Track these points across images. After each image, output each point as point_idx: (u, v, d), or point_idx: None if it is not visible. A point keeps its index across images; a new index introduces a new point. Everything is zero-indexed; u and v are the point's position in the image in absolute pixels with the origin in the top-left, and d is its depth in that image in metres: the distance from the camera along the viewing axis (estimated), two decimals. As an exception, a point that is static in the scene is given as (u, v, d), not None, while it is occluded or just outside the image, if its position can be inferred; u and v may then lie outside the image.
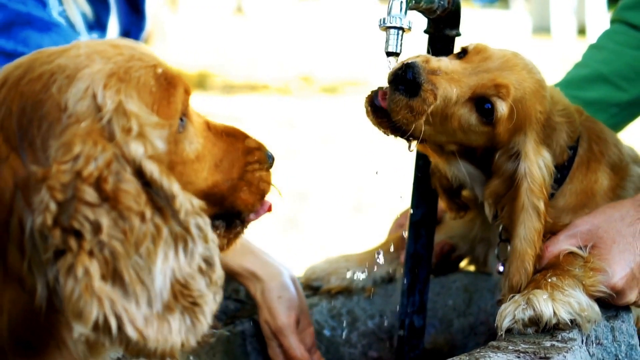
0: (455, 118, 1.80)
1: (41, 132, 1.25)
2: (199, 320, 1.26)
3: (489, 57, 1.84)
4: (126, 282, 1.19)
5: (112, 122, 1.26)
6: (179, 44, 17.04)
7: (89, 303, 1.15)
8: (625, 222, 1.83)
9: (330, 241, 5.70)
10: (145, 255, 1.21)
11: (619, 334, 1.81)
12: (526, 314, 1.69)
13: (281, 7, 26.62)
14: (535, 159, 1.83)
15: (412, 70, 1.74)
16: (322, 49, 17.55)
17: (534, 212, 1.81)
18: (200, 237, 1.29)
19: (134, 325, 1.18)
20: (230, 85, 13.71)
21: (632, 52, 2.34)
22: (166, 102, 1.36)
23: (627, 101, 2.35)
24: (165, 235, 1.24)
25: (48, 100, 1.26)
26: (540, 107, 1.87)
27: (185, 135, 1.41)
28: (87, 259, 1.16)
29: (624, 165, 2.04)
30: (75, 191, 1.18)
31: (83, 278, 1.15)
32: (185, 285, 1.25)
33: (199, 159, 1.44)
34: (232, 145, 1.54)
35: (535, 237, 1.81)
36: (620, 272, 1.78)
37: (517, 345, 1.67)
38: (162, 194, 1.25)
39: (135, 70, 1.34)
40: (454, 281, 2.23)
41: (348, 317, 2.21)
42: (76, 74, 1.29)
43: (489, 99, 1.80)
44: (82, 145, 1.21)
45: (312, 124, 10.60)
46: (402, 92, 1.75)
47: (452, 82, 1.78)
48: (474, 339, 2.12)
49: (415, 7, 1.83)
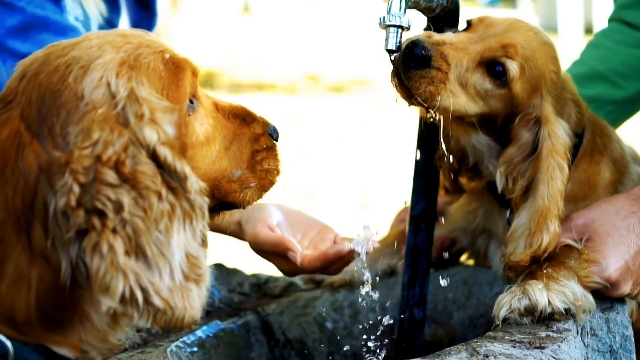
0: (471, 85, 1.84)
1: (60, 120, 1.33)
2: (203, 290, 1.34)
3: (493, 24, 1.89)
4: (149, 256, 1.26)
5: (125, 109, 1.33)
6: (185, 43, 17.08)
7: (115, 277, 1.23)
8: (619, 215, 1.87)
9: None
10: (164, 230, 1.28)
11: (613, 325, 1.85)
12: (522, 303, 1.74)
13: (288, 6, 26.62)
14: (556, 122, 1.86)
15: (418, 46, 1.78)
16: (329, 48, 17.55)
17: (559, 171, 1.82)
18: (201, 216, 1.36)
19: (160, 295, 1.25)
20: (237, 84, 13.74)
21: (628, 50, 2.37)
22: (175, 86, 1.43)
23: (623, 98, 2.39)
24: (179, 212, 1.31)
25: (65, 90, 1.35)
26: (553, 66, 1.91)
27: (195, 117, 1.49)
28: (112, 236, 1.24)
29: (625, 162, 2.08)
30: (96, 174, 1.26)
31: (108, 254, 1.23)
32: (197, 258, 1.33)
33: (208, 141, 1.51)
34: (239, 128, 1.59)
35: (559, 196, 1.81)
36: (614, 264, 1.82)
37: (513, 335, 1.71)
38: (175, 176, 1.32)
39: (144, 57, 1.41)
40: (453, 274, 2.26)
41: (350, 310, 2.25)
42: (90, 64, 1.37)
43: (498, 60, 1.85)
44: (100, 132, 1.29)
45: (319, 123, 10.62)
46: (415, 68, 1.79)
47: (458, 50, 1.83)
48: (473, 331, 2.15)
49: (414, 6, 1.87)
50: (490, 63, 1.85)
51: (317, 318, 2.20)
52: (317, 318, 2.20)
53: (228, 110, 1.60)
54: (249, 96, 12.50)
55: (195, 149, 1.48)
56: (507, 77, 1.84)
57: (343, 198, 7.26)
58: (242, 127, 1.60)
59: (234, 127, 1.59)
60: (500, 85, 1.86)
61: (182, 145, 1.42)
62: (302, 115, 11.06)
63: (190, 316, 1.30)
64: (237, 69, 15.10)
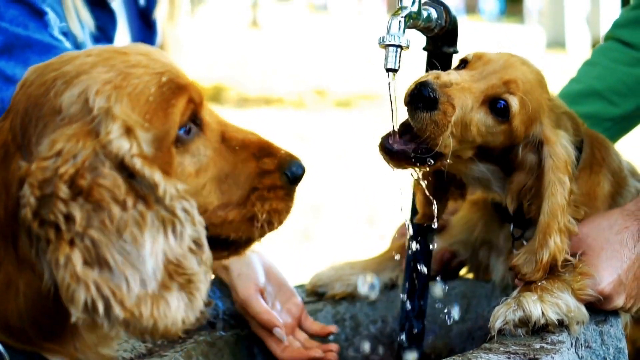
0: (474, 124, 1.88)
1: (37, 132, 1.36)
2: (194, 296, 1.34)
3: (490, 61, 1.93)
4: (112, 266, 1.27)
5: (100, 124, 1.33)
6: (194, 57, 17.14)
7: (76, 289, 1.25)
8: (613, 230, 1.91)
9: (342, 254, 5.77)
10: (132, 240, 1.29)
11: (607, 337, 1.89)
12: (516, 314, 1.78)
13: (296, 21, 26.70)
14: (557, 139, 1.91)
15: (426, 88, 1.82)
16: (336, 63, 17.62)
17: (559, 185, 1.86)
18: (188, 220, 1.35)
19: (122, 305, 1.26)
20: (245, 98, 13.81)
21: (624, 69, 2.41)
22: (162, 112, 1.39)
23: (620, 115, 2.43)
24: (150, 220, 1.31)
25: (46, 103, 1.37)
26: (546, 94, 1.97)
27: (189, 148, 1.45)
28: (68, 248, 1.25)
29: (623, 175, 2.12)
30: (53, 187, 1.27)
31: (67, 265, 1.25)
32: (179, 265, 1.33)
33: (198, 173, 1.46)
34: (243, 162, 1.51)
35: (559, 211, 1.85)
36: (607, 277, 1.87)
37: (508, 347, 1.75)
38: (145, 183, 1.32)
39: (134, 77, 1.39)
40: (453, 288, 2.30)
41: (351, 322, 2.29)
42: (74, 80, 1.37)
43: (501, 97, 1.89)
44: (64, 143, 1.30)
45: (326, 137, 10.67)
46: (422, 110, 1.83)
47: (464, 90, 1.86)
48: (471, 344, 2.19)
49: (413, 25, 1.92)
50: (493, 100, 1.89)
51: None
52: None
53: (237, 141, 1.52)
54: (256, 110, 12.57)
55: (178, 179, 1.41)
56: (509, 113, 1.89)
57: (349, 212, 7.30)
58: (247, 160, 1.51)
59: (236, 159, 1.51)
60: (502, 122, 1.90)
61: (162, 171, 1.37)
62: (309, 130, 11.11)
63: (164, 326, 1.29)
64: (245, 83, 15.18)
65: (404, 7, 1.87)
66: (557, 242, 1.85)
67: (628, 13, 2.48)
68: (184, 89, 1.44)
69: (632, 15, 2.45)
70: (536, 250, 1.86)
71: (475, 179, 2.02)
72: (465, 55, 1.98)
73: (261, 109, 12.80)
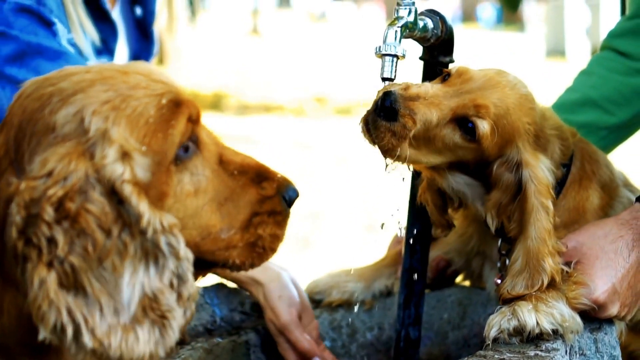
0: (439, 139, 1.87)
1: (30, 148, 1.33)
2: (167, 333, 1.31)
3: (470, 79, 1.91)
4: (89, 293, 1.25)
5: (95, 145, 1.31)
6: (195, 65, 17.17)
7: (47, 310, 1.23)
8: (608, 239, 1.92)
9: (342, 260, 5.78)
10: (111, 268, 1.27)
11: (601, 345, 1.90)
12: (511, 324, 1.79)
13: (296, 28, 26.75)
14: (537, 163, 1.90)
15: (389, 98, 1.83)
16: (337, 71, 17.66)
17: (543, 211, 1.86)
18: (172, 254, 1.32)
19: (92, 333, 1.25)
20: (245, 105, 13.84)
21: (619, 78, 2.42)
22: (162, 134, 1.37)
23: (615, 124, 2.44)
24: (133, 250, 1.29)
25: (40, 120, 1.34)
26: (528, 118, 1.93)
27: (186, 166, 1.43)
28: (45, 270, 1.24)
29: (614, 186, 2.13)
30: (39, 208, 1.25)
31: (41, 287, 1.23)
32: (154, 299, 1.30)
33: (197, 194, 1.44)
34: (242, 188, 1.51)
35: (546, 235, 1.86)
36: (602, 286, 1.88)
37: (503, 354, 1.76)
38: (132, 212, 1.30)
39: (135, 99, 1.37)
40: (449, 295, 2.32)
41: (348, 329, 2.30)
42: (70, 97, 1.35)
43: (470, 118, 1.87)
44: (56, 163, 1.28)
45: (326, 144, 10.69)
46: (382, 119, 1.84)
47: (431, 106, 1.85)
48: (467, 351, 2.20)
49: (409, 35, 1.93)
50: (462, 120, 1.88)
51: (316, 337, 2.25)
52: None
53: (235, 165, 1.51)
54: (256, 117, 12.59)
55: (177, 199, 1.41)
56: (477, 134, 1.87)
57: (349, 219, 7.31)
58: (246, 186, 1.51)
59: (236, 184, 1.50)
60: (470, 141, 1.89)
61: (160, 193, 1.37)
62: (309, 137, 11.14)
63: (129, 358, 1.27)
64: (246, 91, 15.21)
65: (400, 17, 1.89)
66: (551, 264, 1.86)
67: (624, 23, 2.49)
68: (183, 107, 1.42)
69: (628, 25, 2.47)
70: (532, 275, 1.86)
71: (452, 190, 2.01)
72: (450, 67, 1.98)
73: (261, 116, 12.83)
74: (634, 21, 2.45)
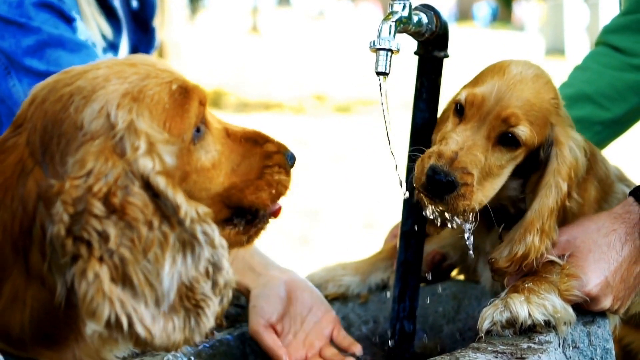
0: (494, 167, 1.91)
1: (60, 148, 1.37)
2: (202, 320, 1.37)
3: (483, 100, 1.92)
4: (135, 284, 1.31)
5: (123, 140, 1.37)
6: (194, 62, 17.18)
7: (101, 304, 1.28)
8: (601, 233, 1.94)
9: (341, 258, 5.78)
10: (154, 260, 1.33)
11: (594, 338, 1.91)
12: (503, 316, 1.81)
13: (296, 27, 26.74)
14: (566, 142, 1.94)
15: (439, 174, 1.86)
16: (336, 69, 17.66)
17: (555, 190, 1.90)
18: (207, 242, 1.39)
19: (142, 323, 1.30)
20: (245, 103, 13.85)
21: (614, 73, 2.44)
22: (179, 117, 1.46)
23: (610, 119, 2.45)
24: (172, 241, 1.35)
25: (67, 120, 1.39)
26: (549, 94, 1.97)
27: (202, 145, 1.52)
28: (97, 265, 1.28)
29: (609, 182, 2.15)
30: (86, 205, 1.30)
31: (94, 281, 1.28)
32: (191, 288, 1.36)
33: (215, 167, 1.54)
34: (250, 150, 1.63)
35: (546, 212, 1.89)
36: (595, 279, 1.89)
37: (496, 347, 1.78)
38: (169, 204, 1.36)
39: (149, 89, 1.44)
40: (444, 289, 2.33)
41: (343, 323, 2.30)
42: (92, 95, 1.40)
43: (507, 132, 1.91)
44: (94, 162, 1.33)
45: (325, 142, 10.70)
46: (446, 193, 1.86)
47: (471, 150, 1.89)
48: (462, 344, 2.20)
49: (404, 30, 1.94)
50: (501, 138, 1.91)
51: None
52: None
53: (240, 135, 1.63)
54: (256, 115, 12.60)
55: (199, 174, 1.50)
56: (522, 141, 1.91)
57: (348, 217, 7.32)
58: (253, 147, 1.64)
59: (244, 149, 1.62)
60: (518, 148, 1.93)
61: (183, 173, 1.46)
62: (308, 135, 11.15)
63: (167, 346, 1.34)
64: (245, 89, 15.22)
65: (394, 12, 1.90)
66: (535, 241, 1.89)
67: (619, 19, 2.50)
68: (193, 92, 1.51)
69: (623, 21, 2.48)
70: (514, 242, 1.91)
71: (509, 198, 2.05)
72: (458, 97, 1.98)
73: (261, 114, 12.84)
74: (629, 17, 2.46)
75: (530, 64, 2.00)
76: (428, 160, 1.89)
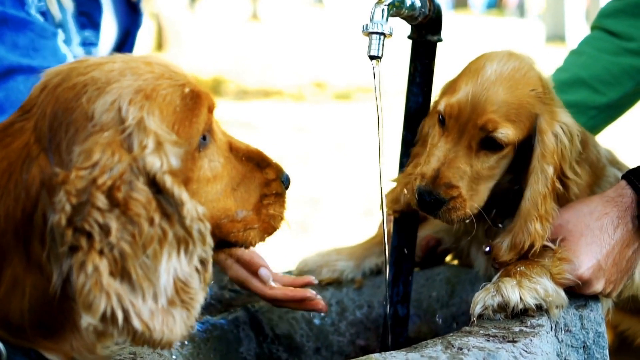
0: (482, 171, 1.94)
1: (67, 137, 1.37)
2: (191, 313, 1.39)
3: (461, 110, 1.93)
4: (134, 279, 1.31)
5: (132, 136, 1.37)
6: (194, 50, 17.15)
7: (97, 297, 1.28)
8: (593, 216, 1.94)
9: (340, 245, 5.78)
10: (152, 255, 1.33)
11: (587, 321, 1.92)
12: (495, 300, 1.81)
13: (296, 14, 26.69)
14: (550, 128, 1.94)
15: (425, 196, 1.91)
16: (336, 56, 17.63)
17: (542, 175, 1.92)
18: (200, 240, 1.41)
19: (139, 318, 1.31)
20: (245, 90, 13.82)
21: (609, 58, 2.44)
22: (188, 122, 1.46)
23: (605, 104, 2.45)
24: (170, 238, 1.36)
25: (77, 109, 1.39)
26: (529, 86, 1.96)
27: (206, 154, 1.52)
28: (97, 257, 1.29)
29: (601, 166, 2.15)
30: (89, 196, 1.30)
31: (92, 274, 1.28)
32: (185, 283, 1.38)
33: (215, 179, 1.54)
34: (251, 172, 1.62)
35: (539, 199, 1.91)
36: (587, 262, 1.89)
37: (488, 330, 1.78)
38: (172, 202, 1.37)
39: (162, 89, 1.44)
40: (437, 274, 2.33)
41: (337, 307, 2.31)
42: (106, 87, 1.40)
43: (488, 137, 1.92)
44: (101, 154, 1.33)
45: (325, 129, 10.69)
46: (437, 209, 1.92)
47: (453, 163, 1.92)
48: (456, 328, 2.21)
49: (397, 14, 1.94)
50: (485, 142, 1.93)
51: (305, 315, 2.27)
52: (305, 315, 2.27)
53: (242, 152, 1.63)
54: (256, 102, 12.59)
55: (199, 184, 1.50)
56: (505, 142, 1.92)
57: (348, 204, 7.32)
58: (254, 170, 1.63)
59: (245, 169, 1.62)
60: (504, 148, 1.94)
61: (186, 178, 1.46)
62: (308, 122, 11.14)
63: (168, 339, 1.34)
64: (245, 76, 15.19)
65: (387, -5, 1.89)
66: (538, 228, 1.89)
67: (614, 3, 2.50)
68: (203, 98, 1.51)
69: (618, 5, 2.47)
70: (516, 234, 1.90)
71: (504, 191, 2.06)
72: (439, 108, 1.99)
73: (261, 101, 12.82)
74: (624, 1, 2.46)
75: (508, 56, 1.99)
76: (414, 183, 1.93)
